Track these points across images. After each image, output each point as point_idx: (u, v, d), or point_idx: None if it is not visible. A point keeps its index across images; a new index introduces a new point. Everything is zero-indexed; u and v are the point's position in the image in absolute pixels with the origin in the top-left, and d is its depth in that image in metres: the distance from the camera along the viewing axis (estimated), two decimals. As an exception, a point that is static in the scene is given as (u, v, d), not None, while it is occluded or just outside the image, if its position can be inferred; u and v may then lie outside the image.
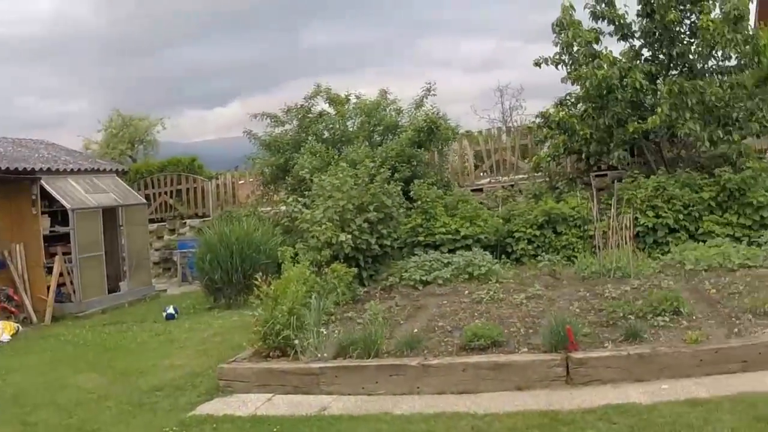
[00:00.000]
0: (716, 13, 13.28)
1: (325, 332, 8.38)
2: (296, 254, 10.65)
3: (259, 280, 8.67)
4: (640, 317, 8.00)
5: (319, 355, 7.86)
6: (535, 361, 7.14)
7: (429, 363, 7.35)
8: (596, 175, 14.67)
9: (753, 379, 6.61)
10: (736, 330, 7.40)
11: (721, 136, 13.15)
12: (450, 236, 12.94)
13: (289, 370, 7.75)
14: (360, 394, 7.34)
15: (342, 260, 11.16)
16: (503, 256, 12.97)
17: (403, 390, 7.26)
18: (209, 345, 10.35)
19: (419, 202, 13.54)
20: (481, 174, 19.01)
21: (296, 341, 7.99)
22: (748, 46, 13.16)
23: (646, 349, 7.06)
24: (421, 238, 13.06)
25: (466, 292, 10.41)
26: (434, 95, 16.97)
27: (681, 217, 12.47)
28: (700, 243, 11.79)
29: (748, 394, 6.21)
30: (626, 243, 11.18)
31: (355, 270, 11.08)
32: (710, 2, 13.34)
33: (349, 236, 11.31)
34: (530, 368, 7.10)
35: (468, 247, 12.70)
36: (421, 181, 14.18)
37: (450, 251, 12.63)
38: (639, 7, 14.09)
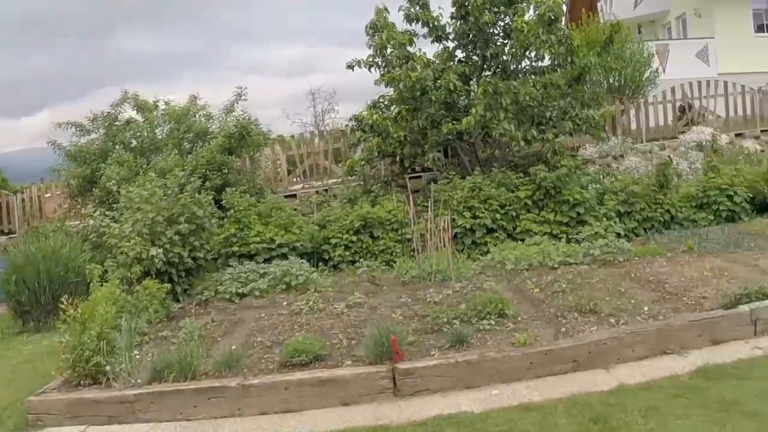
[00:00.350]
0: (530, 15, 13.57)
1: (138, 355, 7.73)
2: (105, 272, 9.84)
3: (65, 302, 7.92)
4: (465, 322, 7.78)
5: (133, 381, 7.22)
6: (360, 375, 6.77)
7: (249, 383, 6.88)
8: (411, 177, 14.58)
9: (585, 379, 6.61)
10: (563, 330, 7.37)
11: (536, 135, 13.46)
12: (265, 245, 12.38)
13: (101, 399, 7.06)
14: (179, 420, 6.81)
15: (154, 276, 10.47)
16: (321, 264, 12.54)
17: (224, 413, 6.78)
18: (18, 374, 9.39)
19: (232, 211, 12.90)
20: (295, 179, 18.57)
21: (107, 367, 7.33)
22: (562, 47, 13.57)
23: (474, 355, 6.89)
24: (235, 249, 12.43)
25: (285, 303, 9.88)
26: (245, 100, 16.45)
27: (498, 216, 12.51)
28: (519, 242, 11.90)
29: (581, 395, 6.20)
30: (445, 245, 10.97)
31: (168, 285, 10.40)
32: (524, 5, 13.62)
33: (161, 250, 10.62)
34: (355, 382, 6.73)
35: (284, 256, 12.22)
36: (234, 189, 13.59)
37: (266, 261, 12.14)
38: (453, 10, 14.22)
